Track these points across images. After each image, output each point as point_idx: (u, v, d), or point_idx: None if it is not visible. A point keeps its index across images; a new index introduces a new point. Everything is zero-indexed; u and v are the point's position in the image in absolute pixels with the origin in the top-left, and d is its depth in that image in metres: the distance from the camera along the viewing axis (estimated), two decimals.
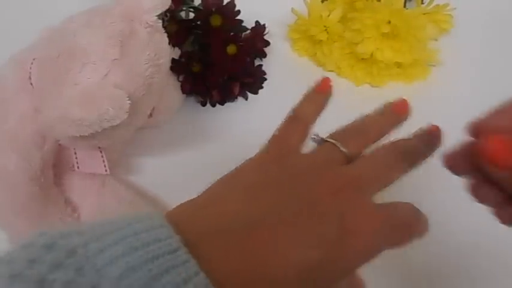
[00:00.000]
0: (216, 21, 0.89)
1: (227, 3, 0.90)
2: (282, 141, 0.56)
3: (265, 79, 0.97)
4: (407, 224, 0.48)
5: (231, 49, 0.89)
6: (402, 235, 0.48)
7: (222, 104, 0.94)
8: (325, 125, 0.56)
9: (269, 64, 0.99)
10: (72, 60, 0.65)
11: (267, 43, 0.98)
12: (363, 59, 0.95)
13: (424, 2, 1.01)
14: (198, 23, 0.92)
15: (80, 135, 0.63)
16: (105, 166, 0.73)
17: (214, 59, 0.89)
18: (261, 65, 0.98)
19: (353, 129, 0.56)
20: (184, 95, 0.92)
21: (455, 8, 1.00)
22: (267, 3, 1.01)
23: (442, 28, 1.01)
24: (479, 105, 0.55)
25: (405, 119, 0.58)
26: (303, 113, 0.58)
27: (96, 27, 0.67)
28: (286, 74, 0.99)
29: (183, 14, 0.96)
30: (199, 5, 0.95)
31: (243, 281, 0.42)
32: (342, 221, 0.45)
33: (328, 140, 0.54)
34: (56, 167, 0.76)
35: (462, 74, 0.97)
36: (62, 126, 0.63)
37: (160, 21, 0.70)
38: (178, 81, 0.90)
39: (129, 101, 0.63)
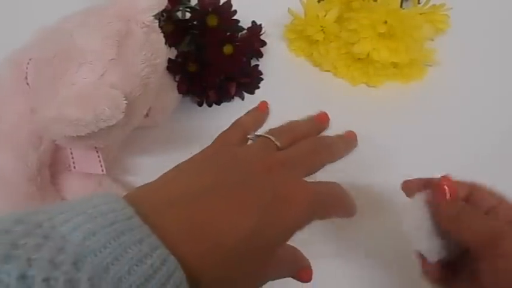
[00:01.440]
0: (212, 21, 0.89)
1: (223, 3, 0.90)
2: (223, 139, 0.66)
3: (262, 79, 0.97)
4: (338, 198, 0.60)
5: (228, 49, 0.89)
6: (333, 207, 0.59)
7: (218, 104, 0.94)
8: None
9: (265, 64, 0.99)
10: (68, 60, 0.65)
11: (264, 43, 0.98)
12: (359, 59, 0.95)
13: (420, 2, 1.01)
14: (195, 23, 0.92)
15: (77, 135, 0.63)
16: (101, 166, 0.73)
17: (211, 59, 0.89)
18: (257, 65, 0.98)
19: (283, 128, 0.66)
20: (181, 95, 0.91)
21: (451, 8, 1.00)
22: (263, 4, 1.01)
23: (439, 28, 1.01)
24: (476, 104, 0.56)
25: (325, 127, 0.70)
26: (243, 122, 0.70)
27: (93, 27, 0.67)
28: (283, 74, 0.99)
29: (179, 14, 0.96)
30: (195, 5, 0.95)
31: (190, 246, 0.47)
32: (274, 191, 0.53)
33: (263, 135, 0.64)
34: (52, 167, 0.76)
35: (459, 74, 0.97)
36: (59, 126, 0.63)
37: (157, 21, 0.70)
38: (175, 81, 0.90)
39: (125, 101, 0.63)
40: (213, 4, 0.89)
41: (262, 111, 0.73)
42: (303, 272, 0.60)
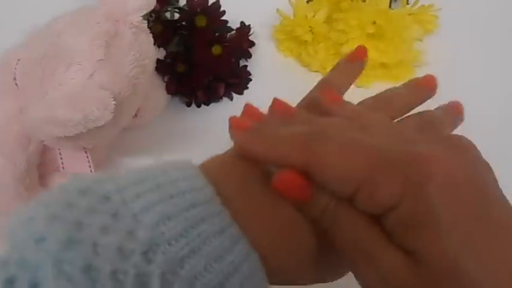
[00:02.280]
0: (201, 21, 0.89)
1: (212, 3, 0.90)
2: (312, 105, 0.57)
3: (250, 80, 0.97)
4: None
5: (216, 50, 0.89)
6: None
7: (207, 104, 0.94)
8: None
9: (254, 65, 0.99)
10: (57, 60, 0.65)
11: (252, 44, 0.98)
12: None
13: (409, 2, 1.01)
14: (183, 23, 0.92)
15: (65, 136, 0.63)
16: (90, 167, 0.73)
17: (199, 60, 0.89)
18: (246, 66, 0.98)
19: (383, 101, 0.57)
20: (170, 95, 0.91)
21: (440, 9, 1.00)
22: (252, 4, 1.01)
23: (427, 29, 1.01)
24: (464, 105, 0.56)
25: (432, 93, 0.61)
26: (333, 81, 0.61)
27: (81, 28, 0.67)
28: (272, 74, 0.99)
29: (168, 14, 0.96)
30: (184, 5, 0.95)
31: (272, 240, 0.43)
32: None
33: None
34: (41, 167, 0.75)
35: (447, 74, 0.98)
36: (47, 126, 0.62)
37: (146, 21, 0.70)
38: (164, 81, 0.90)
39: (114, 102, 0.63)
40: (202, 5, 0.89)
41: (356, 61, 0.62)
42: None
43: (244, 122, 0.48)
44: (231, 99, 0.95)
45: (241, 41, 0.96)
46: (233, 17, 0.94)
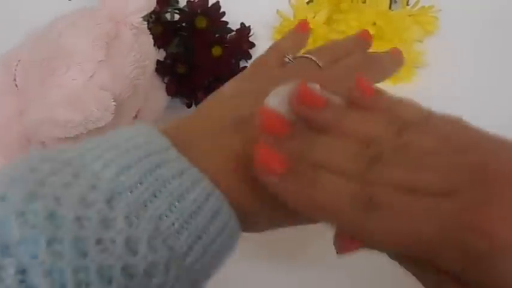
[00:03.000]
0: (201, 22, 0.89)
1: (212, 4, 0.90)
2: (259, 62, 0.61)
3: None
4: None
5: (216, 51, 0.89)
6: None
7: None
8: None
9: None
10: (57, 61, 0.65)
11: (252, 45, 0.98)
12: None
13: (409, 3, 1.01)
14: (183, 24, 0.92)
15: (65, 137, 0.63)
16: None
17: (200, 61, 0.89)
18: (246, 67, 0.97)
19: (323, 47, 0.63)
20: (170, 96, 0.91)
21: (440, 10, 1.00)
22: (252, 5, 1.01)
23: (427, 30, 1.01)
24: (464, 106, 0.56)
25: (369, 44, 0.65)
26: (280, 45, 0.64)
27: (82, 29, 0.67)
28: None
29: (168, 15, 0.96)
30: (184, 6, 0.95)
31: (234, 176, 0.45)
32: None
33: (302, 55, 0.59)
34: None
35: (447, 75, 0.98)
36: (47, 127, 0.63)
37: (146, 22, 0.71)
38: (164, 82, 0.90)
39: (114, 103, 0.63)
40: (202, 6, 0.89)
41: (302, 31, 0.68)
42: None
43: (272, 162, 0.41)
44: None
45: (241, 42, 0.96)
46: (233, 18, 0.94)
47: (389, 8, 0.96)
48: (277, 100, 0.45)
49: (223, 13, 0.91)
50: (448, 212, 0.37)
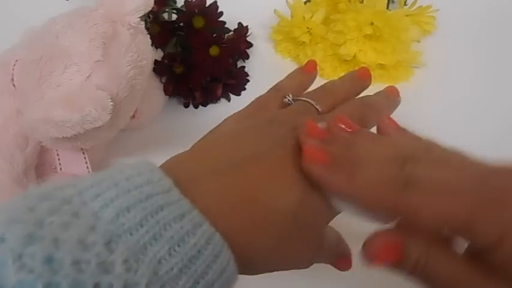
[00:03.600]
0: (198, 22, 0.89)
1: (210, 4, 0.90)
2: (258, 102, 0.62)
3: (248, 80, 0.97)
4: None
5: (214, 50, 0.89)
6: None
7: (204, 105, 0.94)
8: None
9: (252, 66, 0.99)
10: (54, 61, 0.65)
11: (250, 44, 0.98)
12: (345, 60, 0.96)
13: (407, 3, 1.01)
14: (181, 24, 0.92)
15: (63, 137, 0.63)
16: (87, 167, 0.72)
17: (197, 61, 0.89)
18: (243, 67, 0.98)
19: (322, 91, 0.63)
20: (167, 96, 0.91)
21: (438, 10, 1.00)
22: (249, 5, 1.01)
23: (425, 30, 1.01)
24: (462, 106, 0.56)
25: (367, 85, 0.66)
26: (283, 86, 0.64)
27: (79, 29, 0.67)
28: (269, 75, 0.98)
29: (165, 15, 0.96)
30: (181, 6, 0.95)
31: (235, 220, 0.44)
32: None
33: (302, 98, 0.60)
34: (38, 168, 0.76)
35: (445, 75, 0.98)
36: (45, 127, 0.62)
37: (143, 22, 0.70)
38: (161, 82, 0.90)
39: (111, 103, 0.63)
40: (199, 6, 0.89)
41: (308, 72, 0.68)
42: (343, 261, 0.59)
43: (318, 154, 0.46)
44: (229, 100, 0.95)
45: (238, 42, 0.96)
46: (231, 18, 0.94)
47: (387, 8, 0.96)
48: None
49: (221, 13, 0.91)
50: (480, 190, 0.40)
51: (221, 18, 0.92)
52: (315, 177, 0.46)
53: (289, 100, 0.61)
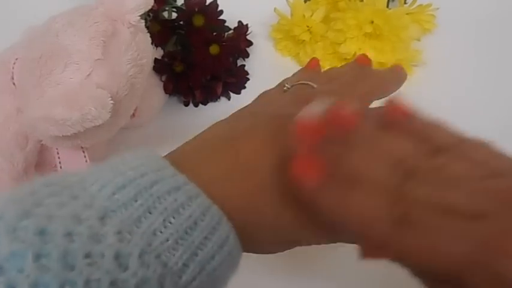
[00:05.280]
0: (198, 21, 0.89)
1: (210, 3, 0.90)
2: (260, 94, 0.63)
3: (248, 79, 0.97)
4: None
5: (214, 49, 0.89)
6: None
7: (204, 104, 0.94)
8: None
9: (252, 64, 0.99)
10: (54, 60, 0.65)
11: (250, 43, 0.98)
12: (345, 59, 0.96)
13: (407, 2, 1.01)
14: (181, 22, 0.92)
15: (63, 135, 0.63)
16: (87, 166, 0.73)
17: (197, 59, 0.89)
18: (243, 65, 0.98)
19: (324, 74, 0.65)
20: (167, 94, 0.91)
21: (438, 8, 1.00)
22: (249, 3, 1.01)
23: (425, 28, 1.01)
24: (462, 105, 0.56)
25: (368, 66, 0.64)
26: (285, 80, 0.65)
27: (79, 27, 0.67)
28: (269, 73, 0.99)
29: (165, 14, 0.96)
30: (181, 5, 0.95)
31: (230, 190, 0.44)
32: None
33: (300, 82, 0.61)
34: (38, 167, 0.76)
35: (445, 74, 0.98)
36: (45, 126, 0.62)
37: (143, 21, 0.70)
38: (161, 81, 0.90)
39: (111, 101, 0.63)
40: (199, 4, 0.89)
41: (311, 69, 0.69)
42: None
43: (310, 170, 0.40)
44: (229, 98, 0.96)
45: (238, 41, 0.96)
46: (231, 16, 0.94)
47: (387, 6, 0.96)
48: (310, 113, 0.42)
49: (221, 11, 0.91)
50: (479, 235, 0.35)
51: (221, 17, 0.92)
52: (306, 196, 0.41)
53: (287, 87, 0.62)
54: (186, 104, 0.93)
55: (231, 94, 0.96)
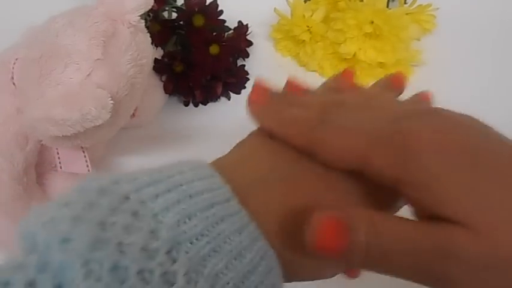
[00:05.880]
0: (198, 21, 0.89)
1: (210, 3, 0.90)
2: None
3: (248, 79, 0.97)
4: None
5: (214, 49, 0.89)
6: None
7: (204, 104, 0.94)
8: None
9: (252, 64, 0.99)
10: (54, 60, 0.65)
11: (250, 43, 0.98)
12: (345, 59, 0.96)
13: (406, 2, 1.01)
14: (181, 22, 0.92)
15: (63, 135, 0.63)
16: (87, 166, 0.72)
17: (197, 59, 0.89)
18: (243, 65, 0.98)
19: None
20: (167, 95, 0.91)
21: (438, 8, 1.00)
22: (249, 3, 1.01)
23: (425, 28, 1.02)
24: (462, 105, 0.56)
25: (401, 91, 0.65)
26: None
27: (79, 27, 0.67)
28: (269, 73, 0.98)
29: (165, 14, 0.96)
30: (182, 5, 0.95)
31: (284, 235, 0.43)
32: None
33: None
34: (38, 167, 0.75)
35: (445, 74, 0.98)
36: (45, 126, 0.62)
37: (143, 21, 0.70)
38: (161, 81, 0.90)
39: (111, 101, 0.63)
40: (199, 4, 0.89)
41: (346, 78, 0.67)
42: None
43: (262, 98, 0.53)
44: (229, 98, 0.96)
45: (239, 41, 0.96)
46: (231, 16, 0.95)
47: (387, 6, 0.96)
48: None
49: (221, 11, 0.91)
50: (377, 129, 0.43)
51: (221, 17, 0.92)
52: (251, 113, 0.52)
53: None
54: (186, 104, 0.94)
55: (231, 94, 0.96)
